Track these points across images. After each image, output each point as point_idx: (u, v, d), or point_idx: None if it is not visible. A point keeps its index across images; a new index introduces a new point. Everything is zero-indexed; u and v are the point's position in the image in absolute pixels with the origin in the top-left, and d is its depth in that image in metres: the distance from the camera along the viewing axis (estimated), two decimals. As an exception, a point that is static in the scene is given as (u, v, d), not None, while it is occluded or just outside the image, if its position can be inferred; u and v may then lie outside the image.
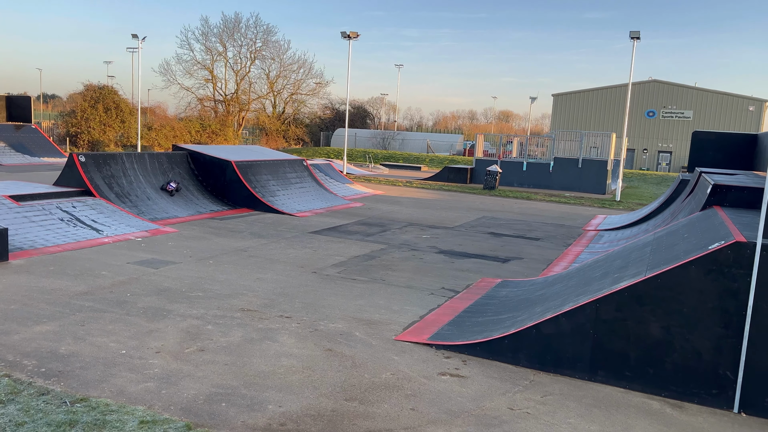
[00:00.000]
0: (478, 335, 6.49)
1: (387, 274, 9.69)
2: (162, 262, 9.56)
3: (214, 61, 52.85)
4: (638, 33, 23.10)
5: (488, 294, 8.52)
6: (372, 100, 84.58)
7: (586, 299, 5.88)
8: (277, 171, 17.69)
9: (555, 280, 8.28)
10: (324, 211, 16.47)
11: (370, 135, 59.07)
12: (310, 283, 8.86)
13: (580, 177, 26.94)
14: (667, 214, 13.28)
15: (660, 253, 6.66)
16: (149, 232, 11.72)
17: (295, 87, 56.73)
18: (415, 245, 12.29)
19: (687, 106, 54.30)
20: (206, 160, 16.18)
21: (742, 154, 16.31)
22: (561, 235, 14.78)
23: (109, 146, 38.31)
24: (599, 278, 6.82)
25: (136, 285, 8.15)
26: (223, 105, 53.39)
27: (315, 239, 12.35)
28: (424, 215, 16.81)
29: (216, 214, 14.58)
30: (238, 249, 10.90)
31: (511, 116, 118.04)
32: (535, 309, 6.78)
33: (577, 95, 58.61)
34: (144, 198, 13.86)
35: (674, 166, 53.99)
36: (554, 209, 20.30)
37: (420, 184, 26.61)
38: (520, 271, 10.48)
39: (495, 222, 16.31)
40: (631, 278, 5.87)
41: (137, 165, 14.53)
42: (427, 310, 7.79)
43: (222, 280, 8.71)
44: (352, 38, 29.56)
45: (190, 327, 6.63)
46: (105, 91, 39.93)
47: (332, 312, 7.47)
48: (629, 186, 32.58)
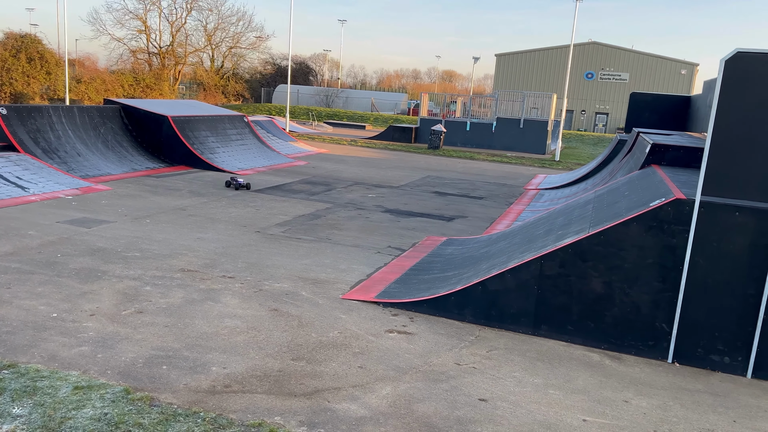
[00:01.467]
0: (425, 292, 6.50)
1: (333, 233, 9.56)
2: (95, 221, 9.09)
3: (148, 10, 50.10)
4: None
5: (434, 252, 8.55)
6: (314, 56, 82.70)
7: (530, 256, 5.95)
8: (216, 127, 17.06)
9: (499, 238, 8.38)
10: (266, 169, 16.07)
11: (313, 92, 57.90)
12: (253, 242, 8.63)
13: (522, 137, 27.35)
14: (605, 173, 13.64)
15: (602, 210, 6.80)
16: (80, 190, 11.11)
17: (235, 40, 54.70)
18: (361, 204, 12.18)
19: (624, 69, 55.74)
20: (141, 115, 15.39)
21: (677, 115, 16.84)
22: (503, 194, 15.00)
23: (34, 99, 36.02)
24: (543, 235, 6.93)
25: (67, 245, 7.72)
26: (157, 58, 50.93)
27: (257, 198, 12.04)
28: (370, 174, 16.67)
29: (152, 171, 13.97)
30: (177, 208, 10.50)
31: (455, 76, 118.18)
32: (480, 266, 6.84)
33: (519, 56, 59.07)
34: (74, 154, 13.09)
35: (610, 127, 55.65)
36: (497, 169, 20.56)
37: (365, 143, 26.37)
38: (465, 229, 10.57)
39: (439, 181, 16.36)
40: (574, 235, 5.97)
41: (66, 119, 13.66)
42: (373, 268, 7.74)
43: (160, 239, 8.37)
44: (294, -10, 28.49)
45: (127, 288, 6.34)
46: (27, 40, 37.29)
47: (277, 272, 7.32)
48: (568, 146, 33.38)
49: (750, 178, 5.09)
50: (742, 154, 5.07)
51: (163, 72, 48.58)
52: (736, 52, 4.96)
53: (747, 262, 5.14)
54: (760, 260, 5.11)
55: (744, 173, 5.10)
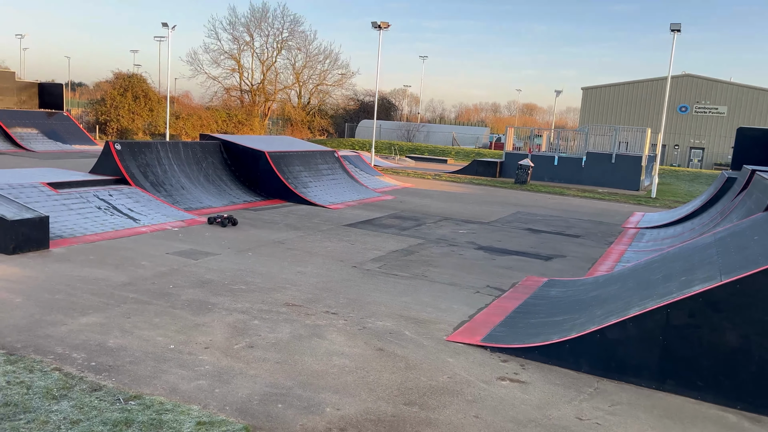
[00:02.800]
0: (535, 338, 6.22)
1: (428, 270, 9.45)
2: (201, 253, 9.43)
3: (241, 50, 52.92)
4: (679, 25, 22.40)
5: (537, 294, 8.23)
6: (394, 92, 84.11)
7: (654, 304, 5.57)
8: (309, 162, 17.51)
9: (608, 281, 7.96)
10: (356, 203, 16.26)
11: (394, 127, 58.72)
12: (351, 277, 8.65)
13: (613, 172, 26.36)
14: (715, 213, 12.81)
15: (729, 255, 6.31)
16: (185, 222, 11.61)
17: (321, 78, 56.60)
18: (452, 240, 12.02)
19: (721, 102, 52.98)
20: (239, 150, 16.05)
21: (790, 151, 15.74)
22: (601, 232, 14.39)
23: (137, 134, 38.56)
24: (662, 281, 6.50)
25: (177, 276, 8.02)
26: (249, 95, 53.45)
27: (351, 232, 12.15)
28: (458, 209, 16.51)
29: (249, 204, 14.45)
30: (276, 241, 10.74)
31: (535, 109, 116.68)
32: (593, 312, 6.48)
33: (606, 89, 57.54)
34: (178, 187, 13.77)
35: (706, 163, 52.79)
36: (589, 205, 19.85)
37: (449, 177, 26.27)
38: (565, 269, 10.16)
39: (531, 218, 15.95)
40: (702, 283, 5.55)
41: (171, 154, 14.45)
42: (475, 309, 7.53)
43: (263, 272, 8.54)
44: (382, 28, 29.21)
45: (236, 321, 6.46)
46: (134, 80, 40.16)
47: (378, 309, 7.26)
48: (662, 182, 31.85)
49: None
50: None
51: (254, 108, 50.86)
52: None
53: None
54: None
55: None
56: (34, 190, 10.69)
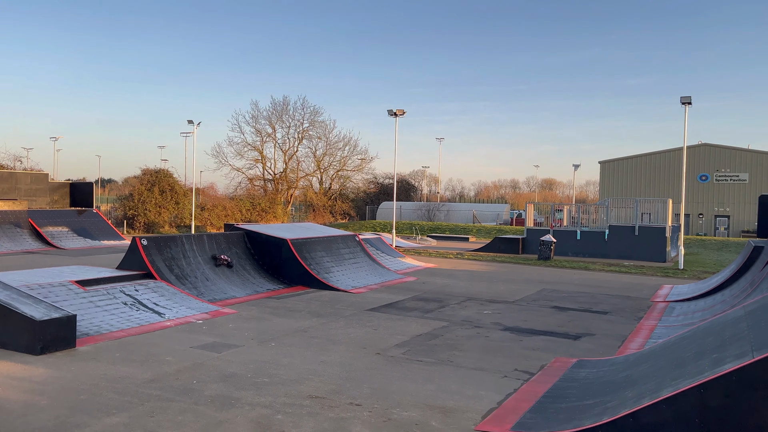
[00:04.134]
0: (566, 424, 6.00)
1: (453, 354, 9.29)
2: (224, 345, 9.43)
3: (264, 142, 54.83)
4: (689, 98, 22.81)
5: (566, 376, 8.01)
6: (413, 173, 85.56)
7: (687, 384, 5.38)
8: (330, 247, 17.70)
9: (638, 360, 7.73)
10: (378, 286, 16.24)
11: (414, 207, 59.41)
12: (375, 365, 8.53)
13: (637, 245, 26.09)
14: (745, 283, 12.52)
15: (761, 329, 6.13)
16: (209, 314, 11.69)
17: (341, 164, 58.05)
18: (477, 322, 11.86)
19: (742, 169, 52.84)
20: (262, 239, 16.34)
21: (817, 216, 15.49)
22: (629, 307, 14.08)
23: (163, 227, 39.49)
24: (693, 358, 6.30)
25: (201, 371, 8.00)
26: (272, 183, 54.86)
27: (374, 317, 12.08)
28: (482, 289, 16.36)
29: (273, 293, 14.53)
30: (299, 329, 10.71)
31: (554, 184, 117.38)
32: (625, 393, 6.27)
33: (623, 161, 57.96)
34: (203, 279, 13.96)
35: (733, 231, 51.99)
36: (615, 279, 19.53)
37: (471, 256, 26.21)
38: (594, 348, 9.91)
39: (557, 295, 15.72)
40: (735, 360, 5.37)
41: (196, 246, 14.75)
42: (503, 395, 7.33)
43: (286, 363, 8.48)
44: (398, 115, 30.23)
45: (260, 417, 6.37)
46: (161, 175, 41.59)
47: (403, 398, 7.11)
48: (689, 252, 31.33)
49: None
50: None
51: (277, 196, 52.04)
52: None
53: None
54: None
55: None
56: (63, 288, 10.93)
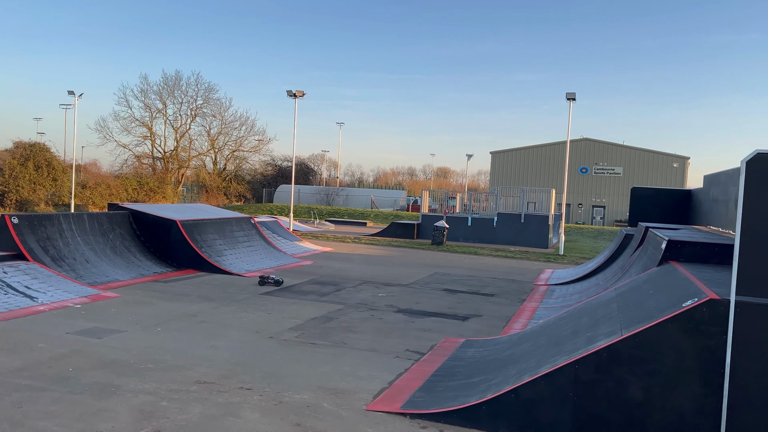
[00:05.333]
0: (453, 401, 6.23)
1: (348, 336, 9.34)
2: (105, 330, 8.88)
3: (153, 118, 52.02)
4: (574, 94, 24.31)
5: (454, 355, 8.31)
6: (313, 157, 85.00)
7: (563, 360, 5.76)
8: (224, 230, 17.16)
9: (521, 339, 8.18)
10: (274, 270, 15.99)
11: (313, 191, 59.02)
12: (268, 349, 8.40)
13: (523, 232, 27.55)
14: (616, 268, 13.59)
15: (629, 310, 6.67)
16: (89, 298, 10.95)
17: (237, 144, 56.39)
18: (372, 304, 12.00)
19: (617, 163, 57.25)
20: (149, 220, 15.51)
21: (678, 209, 17.08)
22: (514, 290, 14.85)
23: (39, 205, 36.49)
24: (570, 337, 6.76)
25: (78, 358, 7.48)
26: (161, 162, 52.24)
27: (267, 301, 11.88)
28: (378, 272, 16.58)
29: (160, 276, 13.87)
30: (188, 314, 10.31)
31: (449, 173, 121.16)
32: (508, 371, 6.61)
33: (513, 152, 60.84)
34: (83, 261, 13.04)
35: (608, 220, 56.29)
36: (502, 264, 20.52)
37: (368, 240, 26.48)
38: (481, 329, 10.35)
39: (448, 278, 16.26)
40: (606, 338, 5.82)
41: (75, 226, 13.74)
42: (394, 375, 7.48)
43: (173, 349, 8.13)
44: (298, 97, 29.77)
45: (143, 404, 6.07)
46: (36, 149, 38.35)
47: (296, 381, 7.06)
48: (568, 240, 33.55)
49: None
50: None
51: (167, 175, 49.65)
52: (756, 153, 5.07)
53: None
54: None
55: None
56: None
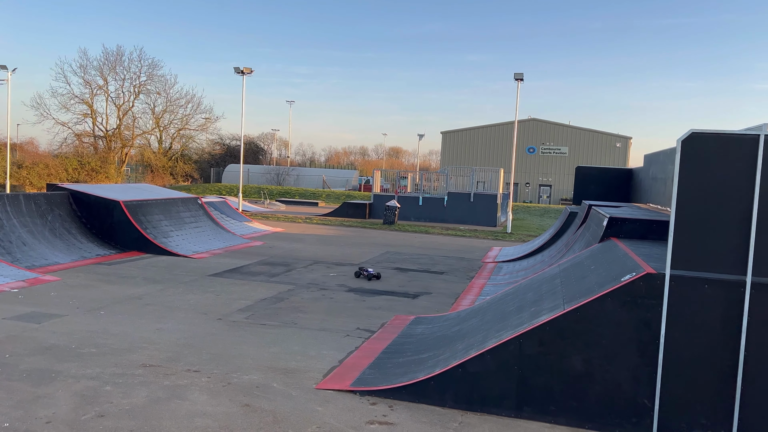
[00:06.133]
0: (402, 377, 6.32)
1: (298, 316, 9.32)
2: (45, 315, 8.57)
3: (94, 95, 49.88)
4: (522, 75, 24.64)
5: (404, 332, 8.41)
6: (263, 136, 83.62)
7: (508, 335, 5.91)
8: (170, 210, 16.73)
9: (469, 315, 8.33)
10: (222, 251, 15.74)
11: (263, 171, 58.15)
12: (216, 331, 8.29)
13: (473, 211, 27.96)
14: (561, 245, 13.98)
15: (571, 285, 6.88)
16: (27, 282, 10.53)
17: (183, 122, 54.77)
18: (323, 284, 11.99)
19: (563, 143, 58.58)
20: (91, 201, 14.96)
21: (621, 187, 17.63)
22: (463, 267, 15.10)
23: (-30, 186, 34.68)
24: (515, 312, 6.93)
25: (15, 344, 7.20)
26: (104, 141, 50.30)
27: (216, 282, 11.70)
28: (329, 252, 16.55)
29: (103, 258, 13.44)
30: (132, 297, 10.05)
31: (401, 152, 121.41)
32: (456, 346, 6.74)
33: (463, 132, 61.41)
34: (19, 243, 12.50)
35: (554, 198, 57.72)
36: (452, 242, 20.80)
37: (320, 221, 26.35)
38: (431, 306, 10.50)
39: (399, 257, 16.38)
40: (549, 312, 5.99)
41: (11, 208, 13.13)
42: (345, 353, 7.52)
43: (117, 332, 7.93)
44: (245, 74, 29.09)
45: (84, 389, 5.90)
46: (-34, 126, 36.31)
47: (245, 362, 7.00)
48: (516, 218, 34.28)
49: (715, 251, 5.28)
50: (706, 228, 5.28)
51: (110, 155, 47.90)
52: (690, 132, 5.26)
53: (720, 333, 5.25)
54: (732, 331, 5.23)
55: (709, 247, 5.29)
56: None
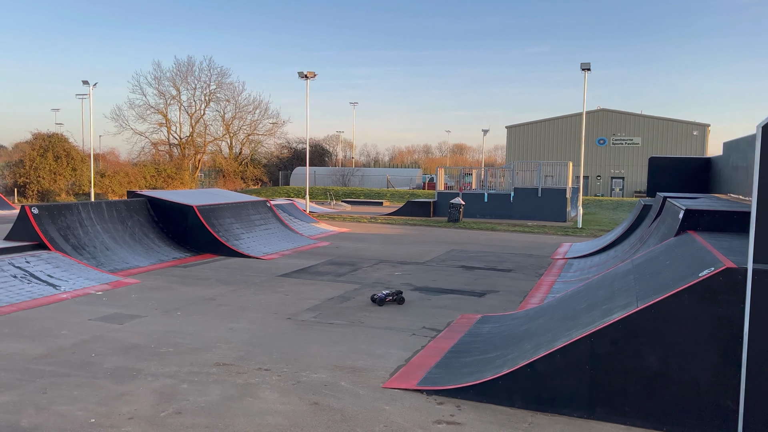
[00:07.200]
0: (469, 377, 6.26)
1: (364, 315, 9.40)
2: (126, 316, 9.04)
3: (168, 104, 52.26)
4: (589, 65, 23.87)
5: (471, 331, 8.32)
6: (328, 138, 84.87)
7: (579, 334, 5.74)
8: (240, 213, 17.27)
9: (537, 314, 8.15)
10: (291, 252, 16.10)
11: (329, 172, 59.05)
12: (285, 330, 8.49)
13: (540, 206, 27.34)
14: (634, 239, 13.44)
15: (645, 281, 6.61)
16: (110, 285, 11.14)
17: (252, 128, 56.49)
18: (389, 283, 12.04)
19: (635, 133, 56.32)
20: (166, 206, 15.67)
21: (697, 177, 16.77)
22: (531, 265, 14.79)
23: (60, 195, 37.02)
24: (586, 310, 6.72)
25: (100, 344, 7.63)
26: (178, 148, 52.58)
27: (285, 282, 11.98)
28: (394, 251, 16.61)
29: (179, 261, 14.04)
30: (206, 298, 10.44)
31: (465, 149, 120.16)
32: (524, 345, 6.61)
33: (529, 126, 60.14)
34: (103, 249, 13.24)
35: (627, 191, 55.60)
36: (519, 239, 20.42)
37: (384, 220, 26.49)
38: (498, 305, 10.34)
39: (465, 255, 16.23)
40: (621, 310, 5.77)
41: (94, 214, 13.93)
42: (411, 352, 7.52)
43: (192, 332, 8.26)
44: (309, 78, 29.65)
45: (163, 387, 6.19)
46: (54, 139, 38.81)
47: (313, 361, 7.13)
48: (587, 212, 33.24)
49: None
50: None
51: (184, 161, 49.99)
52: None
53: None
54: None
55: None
56: (-59, 262, 10.02)
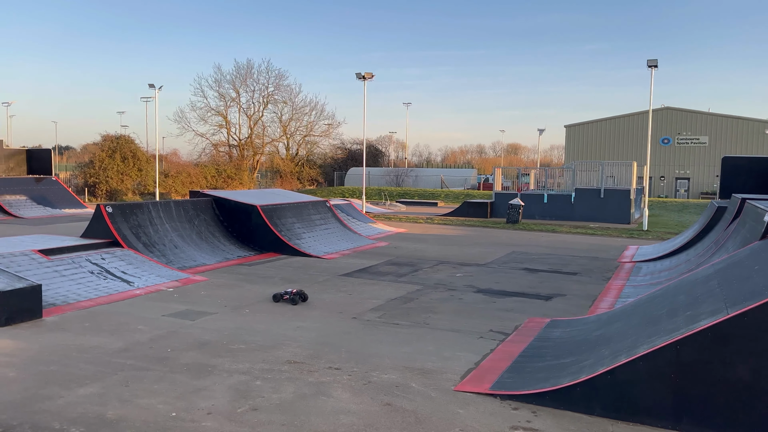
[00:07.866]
0: (544, 383, 6.10)
1: (429, 317, 9.33)
2: (197, 313, 9.28)
3: (228, 106, 53.60)
4: (656, 61, 23.03)
5: (540, 335, 8.13)
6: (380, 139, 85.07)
7: (663, 341, 5.49)
8: (301, 213, 17.51)
9: (611, 318, 7.89)
10: (350, 252, 16.19)
11: (383, 173, 59.20)
12: (351, 329, 8.52)
13: (603, 207, 26.54)
14: (709, 243, 12.86)
15: (732, 287, 6.28)
16: (180, 282, 11.47)
17: (308, 129, 57.32)
18: (450, 284, 11.93)
19: (702, 132, 54.03)
20: (231, 206, 16.04)
21: (776, 178, 15.94)
22: (597, 268, 14.36)
23: (126, 195, 38.53)
24: (667, 316, 6.44)
25: (174, 339, 7.86)
26: (237, 149, 53.87)
27: (347, 282, 12.04)
28: (453, 252, 16.47)
29: (244, 260, 14.34)
30: (272, 296, 10.60)
31: (520, 148, 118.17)
32: (600, 351, 6.39)
33: (588, 125, 58.60)
34: (171, 246, 13.67)
35: (693, 192, 53.41)
36: (583, 241, 19.88)
37: (441, 220, 26.33)
38: (566, 308, 10.08)
39: (527, 257, 15.92)
40: (709, 317, 5.50)
41: (163, 213, 14.40)
42: (480, 355, 7.40)
43: (261, 330, 8.40)
44: (366, 79, 29.79)
45: (238, 383, 6.30)
46: (122, 141, 40.40)
47: (382, 361, 7.12)
48: (651, 214, 32.07)
49: None
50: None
51: (243, 162, 51.16)
52: None
53: None
54: None
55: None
56: (26, 258, 10.56)
